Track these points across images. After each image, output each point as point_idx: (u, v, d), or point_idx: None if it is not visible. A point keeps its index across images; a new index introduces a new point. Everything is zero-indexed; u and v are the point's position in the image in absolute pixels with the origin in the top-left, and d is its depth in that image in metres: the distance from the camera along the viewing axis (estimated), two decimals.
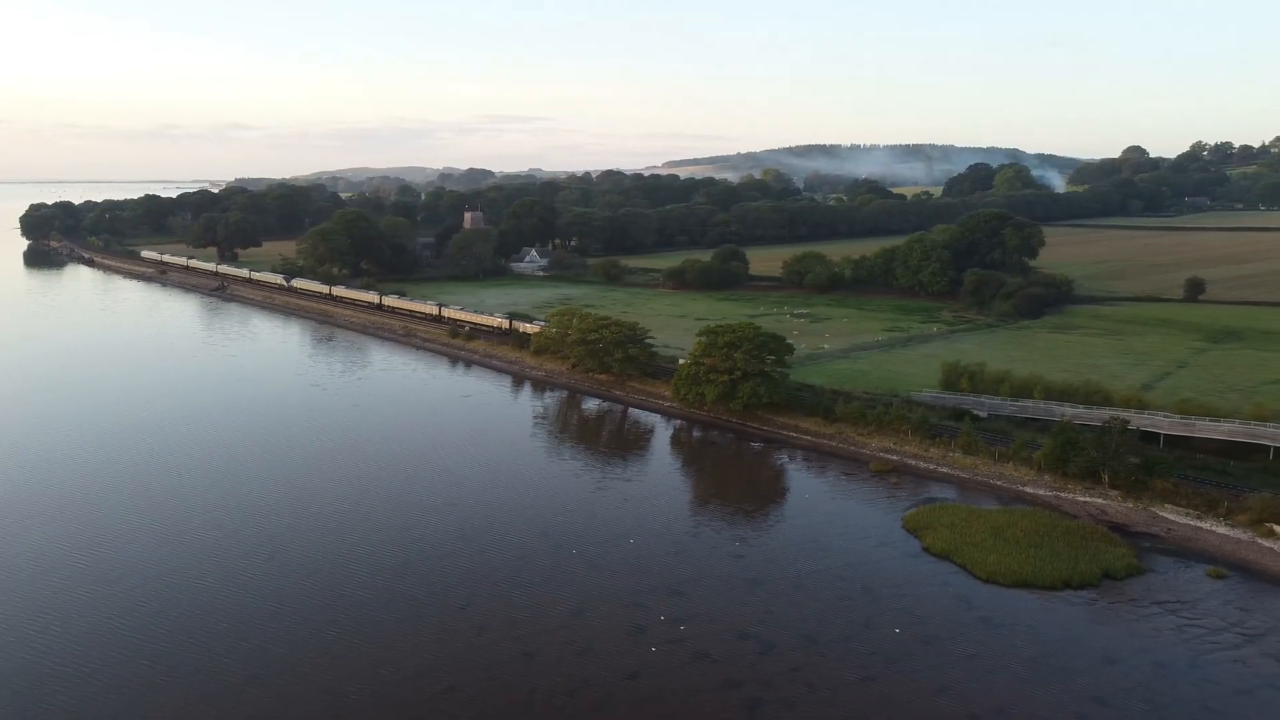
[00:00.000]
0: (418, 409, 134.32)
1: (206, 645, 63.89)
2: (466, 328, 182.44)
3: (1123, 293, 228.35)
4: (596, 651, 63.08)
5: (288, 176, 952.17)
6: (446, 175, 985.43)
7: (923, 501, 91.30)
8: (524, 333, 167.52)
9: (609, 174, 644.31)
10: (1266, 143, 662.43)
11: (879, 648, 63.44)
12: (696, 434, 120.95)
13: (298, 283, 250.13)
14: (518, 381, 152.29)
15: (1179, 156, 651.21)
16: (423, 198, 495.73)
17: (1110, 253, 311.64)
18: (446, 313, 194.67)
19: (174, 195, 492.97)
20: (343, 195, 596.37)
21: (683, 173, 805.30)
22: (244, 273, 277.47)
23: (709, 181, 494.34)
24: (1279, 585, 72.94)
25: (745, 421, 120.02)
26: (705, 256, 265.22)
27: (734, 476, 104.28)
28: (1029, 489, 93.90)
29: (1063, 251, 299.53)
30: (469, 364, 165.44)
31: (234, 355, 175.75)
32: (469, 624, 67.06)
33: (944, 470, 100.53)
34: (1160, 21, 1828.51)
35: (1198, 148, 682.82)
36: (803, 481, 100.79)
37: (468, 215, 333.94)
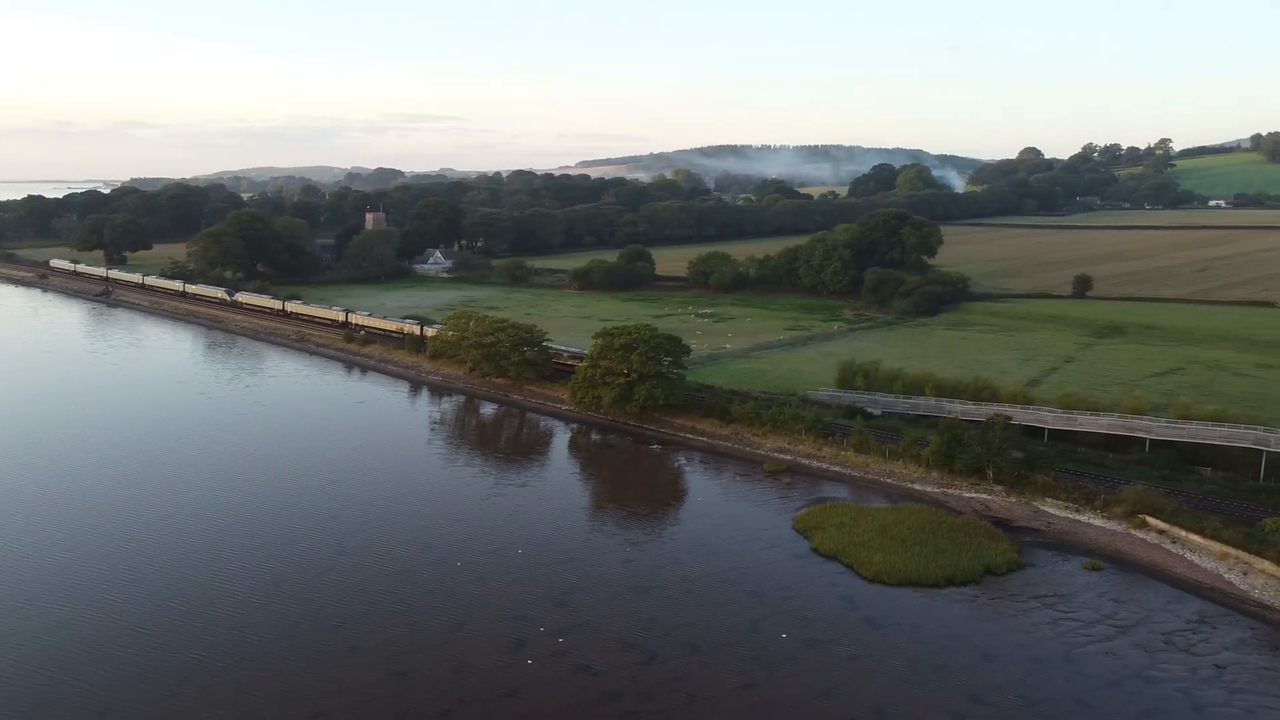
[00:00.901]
0: (307, 418, 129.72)
1: (54, 679, 59.72)
2: (362, 331, 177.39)
3: (1016, 290, 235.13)
4: (474, 668, 61.00)
5: (188, 176, 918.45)
6: (354, 175, 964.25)
7: (814, 501, 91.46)
8: (421, 336, 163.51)
9: (519, 174, 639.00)
10: (1151, 145, 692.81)
11: (762, 653, 62.83)
12: (595, 437, 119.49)
13: (194, 288, 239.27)
14: (415, 387, 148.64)
15: (1071, 158, 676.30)
16: (326, 198, 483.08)
17: (1006, 251, 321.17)
18: (355, 319, 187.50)
19: (61, 196, 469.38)
20: (244, 196, 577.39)
21: (595, 173, 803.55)
22: (135, 277, 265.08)
23: (619, 182, 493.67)
24: (1151, 576, 74.83)
25: (643, 424, 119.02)
26: (612, 257, 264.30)
27: (630, 480, 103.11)
28: (918, 486, 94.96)
29: (961, 250, 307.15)
30: (365, 369, 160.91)
31: (115, 364, 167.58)
32: (342, 644, 64.24)
33: (836, 469, 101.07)
34: (1054, 27, 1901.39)
35: (1089, 149, 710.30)
36: (698, 484, 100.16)
37: (369, 216, 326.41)
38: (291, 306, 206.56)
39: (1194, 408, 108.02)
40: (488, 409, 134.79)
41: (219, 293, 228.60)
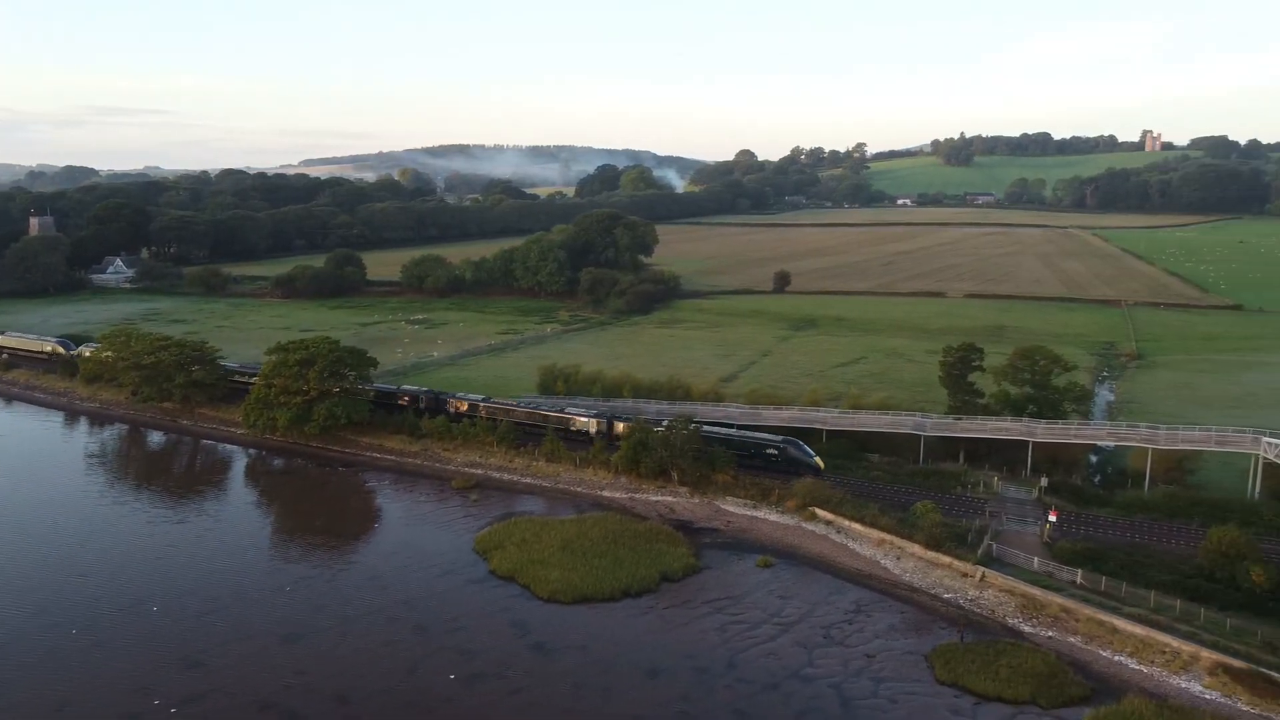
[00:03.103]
0: None
1: None
2: (4, 354, 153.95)
3: (724, 286, 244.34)
4: None
5: None
6: (38, 174, 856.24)
7: (500, 518, 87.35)
8: (71, 358, 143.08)
9: (229, 173, 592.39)
10: (850, 149, 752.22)
11: (420, 698, 57.67)
12: (276, 463, 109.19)
13: None
14: (71, 417, 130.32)
15: (781, 160, 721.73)
16: None
17: (718, 248, 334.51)
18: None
19: None
20: None
21: (319, 172, 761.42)
22: None
23: (336, 182, 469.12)
24: (817, 568, 76.80)
25: (327, 445, 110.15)
26: (321, 262, 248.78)
27: (307, 509, 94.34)
28: (607, 493, 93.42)
29: (678, 248, 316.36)
30: (9, 398, 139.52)
31: None
32: None
33: (528, 481, 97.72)
34: (767, 33, 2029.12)
35: (796, 152, 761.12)
36: (381, 507, 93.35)
37: (34, 221, 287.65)
38: None
39: (864, 398, 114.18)
40: (155, 438, 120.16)
41: None
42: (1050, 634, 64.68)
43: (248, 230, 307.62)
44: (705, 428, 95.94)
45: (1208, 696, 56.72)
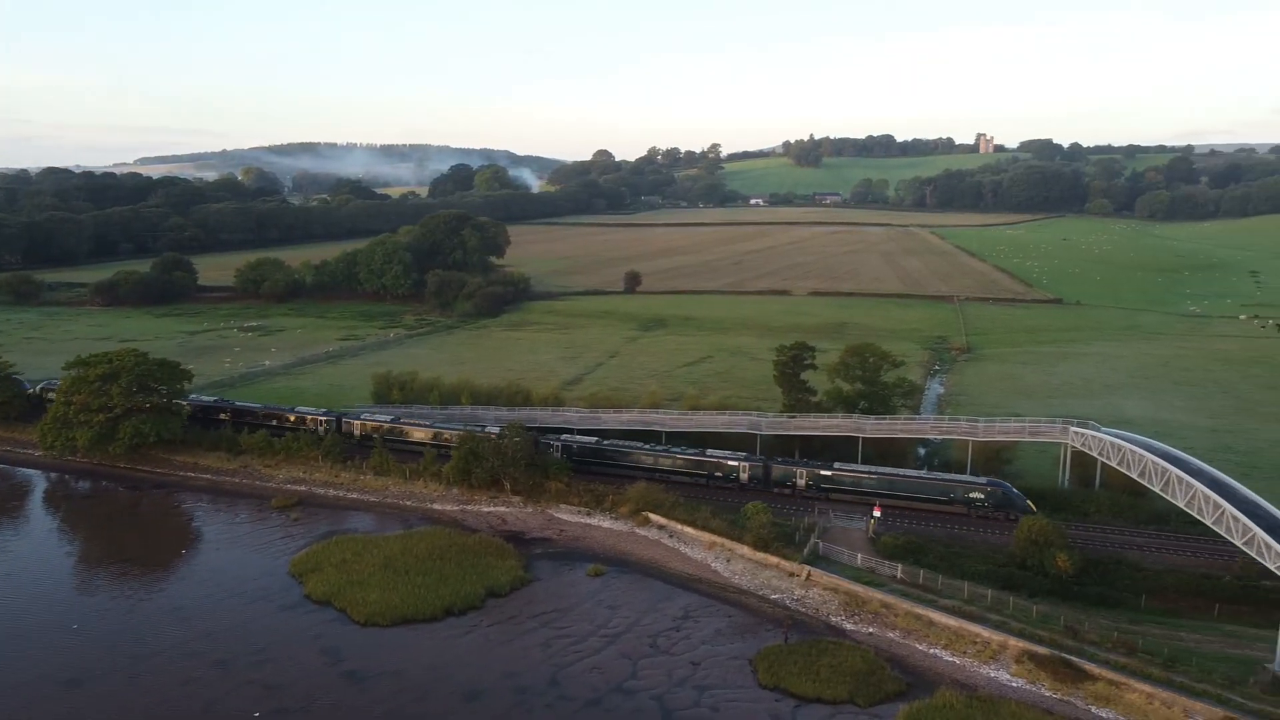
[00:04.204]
0: None
1: None
2: None
3: (575, 287, 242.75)
4: None
5: None
6: None
7: (322, 537, 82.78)
8: None
9: (51, 171, 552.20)
10: (705, 149, 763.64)
11: None
12: (82, 486, 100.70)
13: None
14: None
15: (638, 160, 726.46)
16: None
17: (573, 249, 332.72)
18: None
19: None
20: None
21: (155, 171, 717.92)
22: None
23: (170, 181, 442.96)
24: (648, 574, 75.75)
25: (137, 465, 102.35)
26: (149, 266, 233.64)
27: (111, 537, 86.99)
28: (438, 505, 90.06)
29: (533, 249, 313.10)
30: None
31: None
32: None
33: (354, 496, 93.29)
34: (623, 34, 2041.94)
35: (653, 153, 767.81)
36: (192, 531, 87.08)
37: None
38: None
39: (703, 398, 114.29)
40: None
41: None
42: (871, 630, 65.50)
43: (66, 233, 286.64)
44: (876, 472, 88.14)
45: (1014, 684, 58.36)
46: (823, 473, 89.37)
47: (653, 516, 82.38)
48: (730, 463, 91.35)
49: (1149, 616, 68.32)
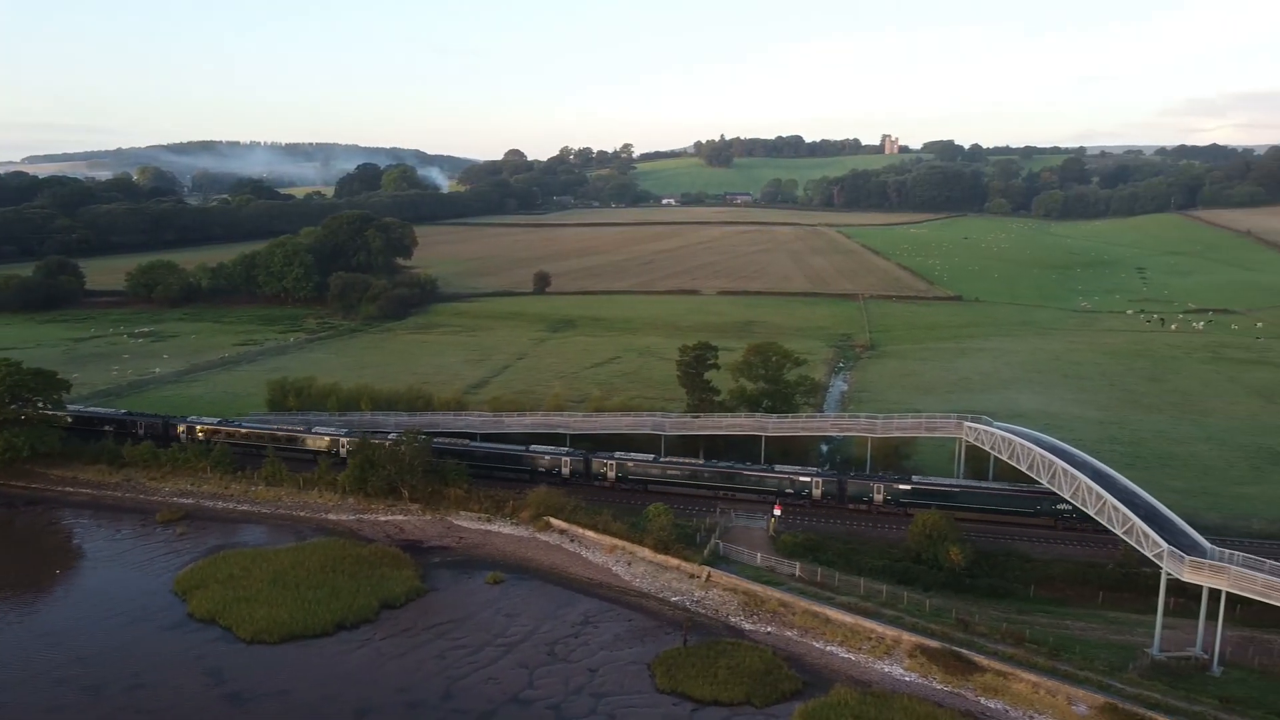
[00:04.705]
0: None
1: None
2: None
3: (484, 288, 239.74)
4: None
5: None
6: None
7: (209, 552, 79.45)
8: None
9: None
10: (617, 149, 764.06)
11: None
12: None
13: None
14: None
15: (550, 159, 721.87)
16: None
17: (483, 249, 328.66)
18: None
19: None
20: None
21: (43, 170, 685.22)
22: None
23: (58, 181, 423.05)
24: (549, 581, 74.71)
25: (9, 481, 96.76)
26: (31, 270, 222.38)
27: None
28: (333, 515, 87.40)
29: (441, 250, 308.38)
30: None
31: None
32: None
33: (245, 508, 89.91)
34: (536, 33, 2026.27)
35: (565, 152, 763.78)
36: (68, 549, 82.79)
37: None
38: None
39: (607, 400, 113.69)
40: None
41: None
42: (769, 630, 65.70)
43: None
44: (961, 485, 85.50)
45: (908, 679, 59.14)
46: (901, 487, 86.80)
47: (554, 521, 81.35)
48: (801, 478, 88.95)
49: (1037, 606, 70.22)
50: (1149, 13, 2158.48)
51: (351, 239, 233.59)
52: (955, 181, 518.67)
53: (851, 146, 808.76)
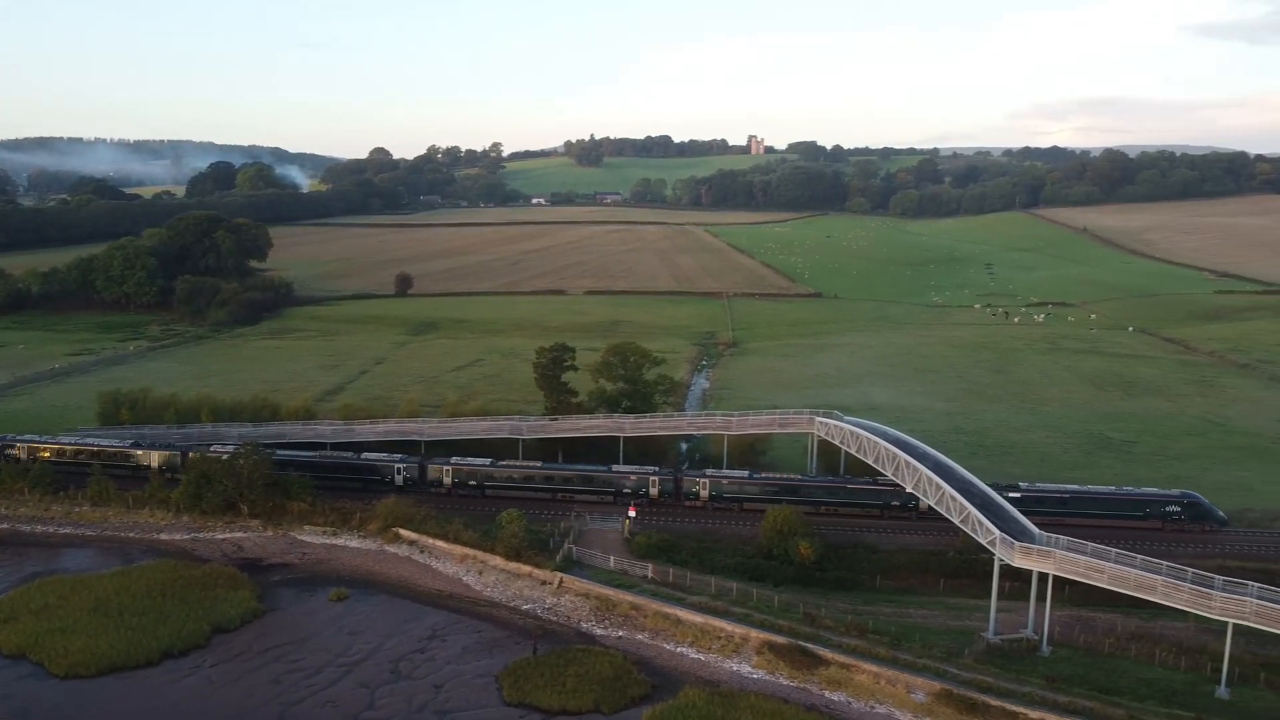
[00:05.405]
0: None
1: None
2: None
3: (344, 291, 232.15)
4: None
5: None
6: None
7: (24, 580, 73.43)
8: None
9: None
10: (486, 148, 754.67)
11: None
12: None
13: None
14: None
15: (416, 158, 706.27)
16: None
17: (345, 250, 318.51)
18: None
19: None
20: None
21: None
22: None
23: None
24: (396, 594, 72.19)
25: None
26: None
27: None
28: (166, 535, 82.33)
29: (301, 251, 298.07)
30: None
31: None
32: None
33: (68, 531, 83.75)
34: (397, 27, 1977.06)
35: (433, 151, 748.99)
36: None
37: None
38: None
39: (463, 405, 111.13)
40: None
41: None
42: (620, 634, 65.11)
43: None
44: (1069, 490, 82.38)
45: (755, 676, 59.49)
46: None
47: (403, 532, 78.71)
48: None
49: (883, 596, 71.99)
50: (1001, 20, 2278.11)
51: (200, 240, 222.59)
52: (818, 181, 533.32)
53: (719, 147, 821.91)
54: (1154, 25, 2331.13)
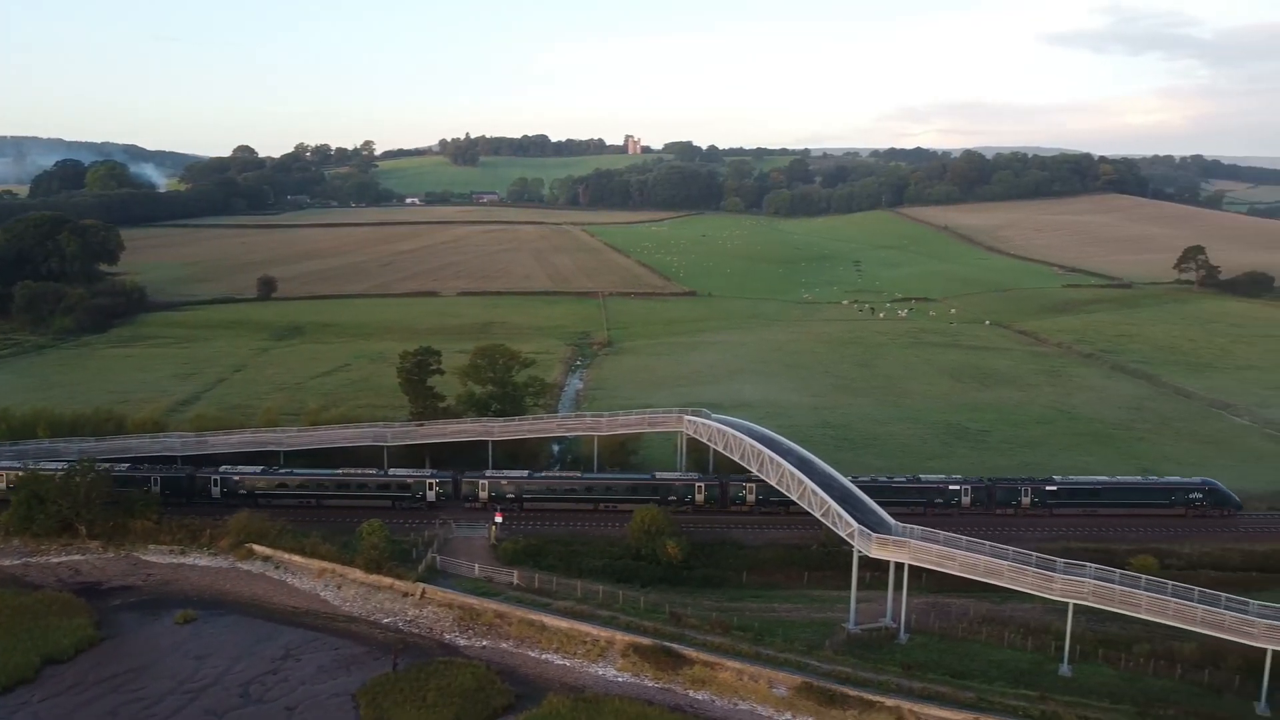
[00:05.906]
0: None
1: None
2: None
3: (203, 295, 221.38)
4: None
5: None
6: None
7: None
8: None
9: None
10: (358, 146, 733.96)
11: None
12: None
13: None
14: None
15: (284, 156, 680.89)
16: None
17: (205, 253, 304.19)
18: None
19: None
20: None
21: None
22: None
23: None
24: (248, 614, 68.84)
25: None
26: None
27: None
28: None
29: (158, 254, 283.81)
30: None
31: None
32: None
33: None
34: (260, 17, 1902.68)
35: (301, 149, 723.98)
36: None
37: None
38: None
39: (324, 412, 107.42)
40: None
41: None
42: (485, 643, 63.75)
43: None
44: (1098, 482, 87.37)
45: (620, 679, 59.12)
46: (1047, 489, 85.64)
47: (257, 548, 75.20)
48: (952, 487, 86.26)
49: (749, 592, 72.77)
50: (870, 25, 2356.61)
51: (42, 243, 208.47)
52: (693, 181, 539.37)
53: (596, 146, 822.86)
54: (1012, 34, 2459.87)
